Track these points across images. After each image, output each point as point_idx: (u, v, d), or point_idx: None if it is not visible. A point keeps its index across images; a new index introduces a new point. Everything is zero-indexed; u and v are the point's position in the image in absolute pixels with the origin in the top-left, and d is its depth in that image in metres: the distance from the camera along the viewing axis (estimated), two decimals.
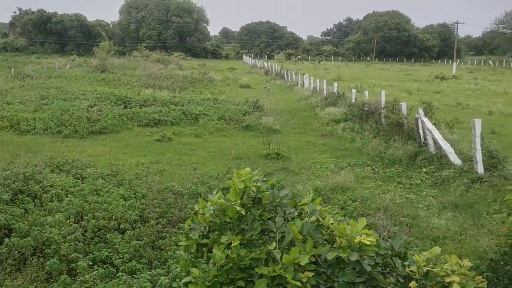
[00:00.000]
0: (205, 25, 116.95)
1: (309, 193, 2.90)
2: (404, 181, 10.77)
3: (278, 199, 2.70)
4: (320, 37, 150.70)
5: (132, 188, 8.62)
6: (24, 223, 6.61)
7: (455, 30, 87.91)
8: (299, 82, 35.42)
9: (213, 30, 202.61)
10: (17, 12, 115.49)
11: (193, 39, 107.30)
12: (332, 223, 2.63)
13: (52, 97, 22.20)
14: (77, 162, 10.50)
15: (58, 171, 9.74)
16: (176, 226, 7.05)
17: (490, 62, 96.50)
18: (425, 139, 12.73)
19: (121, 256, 6.10)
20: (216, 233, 2.71)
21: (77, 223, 6.96)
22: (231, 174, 9.26)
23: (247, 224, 2.62)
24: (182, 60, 67.81)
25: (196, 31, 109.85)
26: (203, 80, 37.77)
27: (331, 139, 16.06)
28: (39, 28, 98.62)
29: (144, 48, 73.33)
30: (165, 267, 5.91)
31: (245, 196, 2.84)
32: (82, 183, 8.80)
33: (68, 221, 6.93)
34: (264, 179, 2.82)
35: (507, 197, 7.58)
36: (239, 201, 2.72)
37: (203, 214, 2.84)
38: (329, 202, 8.68)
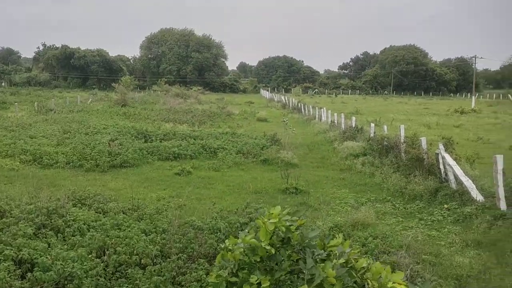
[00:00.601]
0: (223, 60, 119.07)
1: (338, 236, 2.92)
2: (425, 218, 10.67)
3: (307, 240, 2.73)
4: (337, 70, 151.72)
5: (153, 223, 8.68)
6: (47, 258, 6.69)
7: (473, 64, 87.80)
8: (317, 116, 35.56)
9: (231, 64, 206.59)
10: (41, 48, 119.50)
11: (211, 74, 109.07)
12: (364, 266, 2.64)
13: (74, 131, 22.64)
14: (99, 196, 10.63)
15: (80, 205, 9.86)
16: (196, 262, 7.04)
17: (510, 96, 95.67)
18: (446, 174, 12.61)
19: None
20: (245, 271, 2.73)
21: (99, 258, 7.00)
22: (250, 209, 9.28)
23: (276, 264, 2.65)
24: (201, 94, 68.86)
25: (214, 66, 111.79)
26: (221, 114, 38.22)
27: (350, 173, 15.98)
28: (62, 63, 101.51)
29: (164, 83, 74.70)
30: None
31: (275, 235, 2.87)
32: (104, 218, 8.89)
33: (90, 255, 6.99)
34: (294, 218, 2.85)
35: None
36: (268, 240, 2.75)
37: (233, 251, 2.86)
38: (350, 239, 8.60)
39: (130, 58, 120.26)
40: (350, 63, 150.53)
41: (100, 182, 13.81)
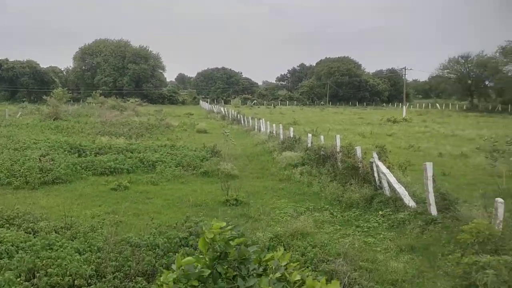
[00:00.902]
0: (161, 71, 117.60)
1: (279, 249, 2.89)
2: (362, 225, 10.96)
3: (245, 256, 2.68)
4: (275, 82, 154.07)
5: (87, 241, 8.32)
6: None
7: (403, 75, 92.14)
8: (256, 127, 35.85)
9: (170, 76, 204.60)
10: None
11: (149, 85, 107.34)
12: (299, 279, 2.63)
13: (2, 147, 21.41)
14: (28, 215, 10.08)
15: (8, 225, 9.31)
16: (134, 280, 6.82)
17: (437, 105, 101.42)
18: (380, 182, 13.04)
19: None
20: None
21: (28, 281, 6.61)
22: (190, 223, 9.12)
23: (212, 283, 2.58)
24: (139, 106, 67.58)
25: (152, 77, 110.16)
26: (160, 126, 37.60)
27: (289, 183, 16.17)
28: None
29: (99, 95, 72.51)
30: None
31: (210, 250, 2.81)
32: (34, 238, 8.43)
33: (19, 279, 6.58)
34: (234, 234, 2.80)
35: (459, 237, 7.86)
36: (206, 253, 2.68)
37: (166, 283, 2.75)
38: (290, 249, 8.67)
39: (63, 69, 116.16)
40: (288, 75, 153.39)
41: (30, 200, 13.11)
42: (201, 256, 2.88)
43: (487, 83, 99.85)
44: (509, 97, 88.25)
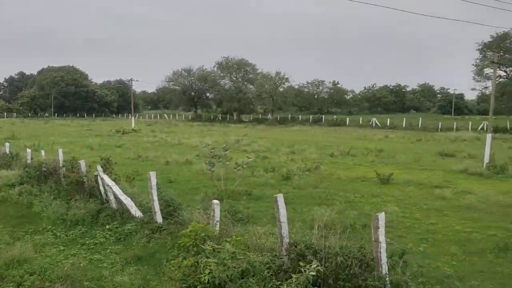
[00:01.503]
0: None
1: None
2: (88, 242, 10.51)
3: None
4: None
5: None
6: None
7: (131, 86, 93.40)
8: None
9: None
10: None
11: None
12: None
13: None
14: None
15: None
16: None
17: (165, 115, 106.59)
18: (107, 195, 12.77)
19: None
20: None
21: None
22: None
23: None
24: None
25: None
26: None
27: (5, 206, 14.35)
28: None
29: None
30: None
31: None
32: None
33: None
34: None
35: (180, 241, 8.28)
36: None
37: None
38: (3, 280, 7.66)
39: None
40: (4, 84, 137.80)
41: None
42: None
43: (208, 94, 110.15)
44: (226, 108, 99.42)
